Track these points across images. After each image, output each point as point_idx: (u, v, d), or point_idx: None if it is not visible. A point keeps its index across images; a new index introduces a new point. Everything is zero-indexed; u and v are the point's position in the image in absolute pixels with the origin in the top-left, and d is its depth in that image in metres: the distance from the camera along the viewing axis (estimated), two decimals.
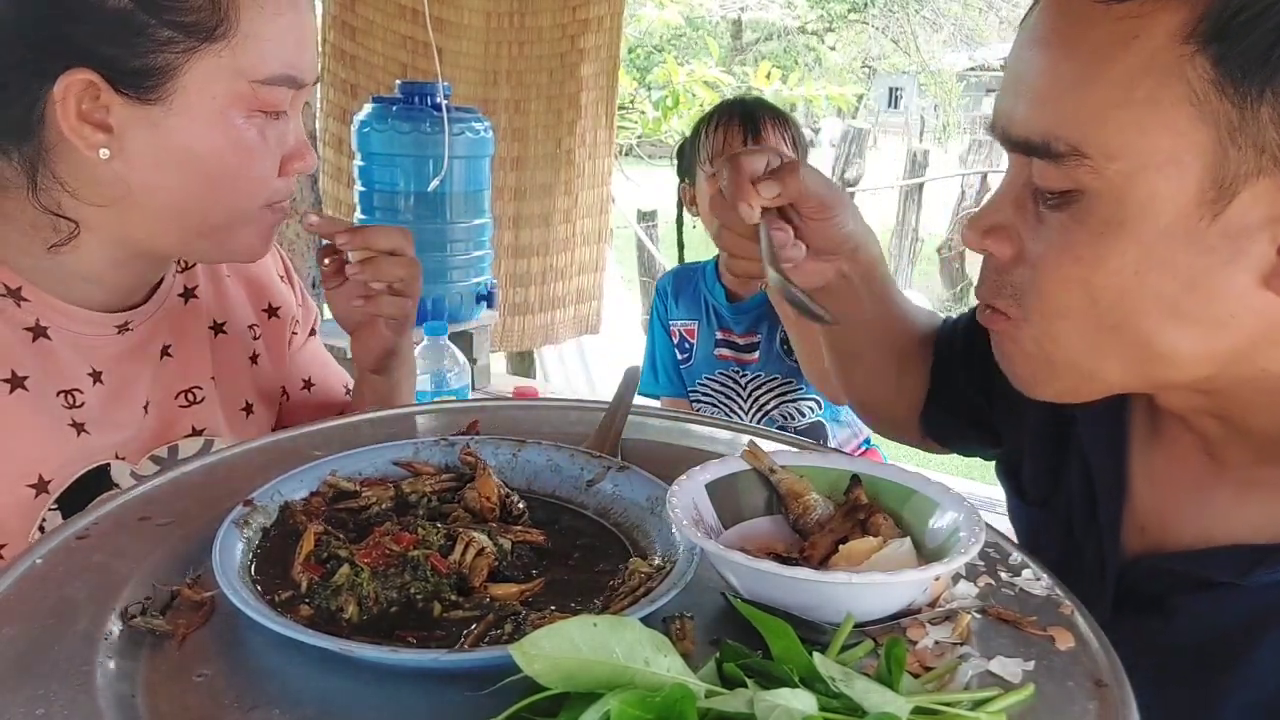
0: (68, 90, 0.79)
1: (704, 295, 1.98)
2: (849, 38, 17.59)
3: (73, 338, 0.89)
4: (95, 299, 0.91)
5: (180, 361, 0.98)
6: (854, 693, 0.50)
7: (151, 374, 0.95)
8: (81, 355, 0.89)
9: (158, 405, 0.95)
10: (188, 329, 1.00)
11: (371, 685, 0.57)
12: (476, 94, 3.43)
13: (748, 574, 0.63)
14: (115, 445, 0.91)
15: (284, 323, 1.13)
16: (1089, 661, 0.61)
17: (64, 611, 0.61)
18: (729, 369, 1.93)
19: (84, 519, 0.72)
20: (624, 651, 0.49)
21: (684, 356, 2.01)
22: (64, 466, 0.87)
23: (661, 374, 2.06)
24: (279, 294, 1.13)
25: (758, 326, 1.91)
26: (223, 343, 1.04)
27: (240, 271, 1.09)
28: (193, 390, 0.98)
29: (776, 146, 1.76)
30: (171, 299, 0.99)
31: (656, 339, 2.07)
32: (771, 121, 1.81)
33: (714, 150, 1.81)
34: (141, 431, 0.94)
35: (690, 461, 0.75)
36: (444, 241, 2.54)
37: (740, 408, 1.93)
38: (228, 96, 0.83)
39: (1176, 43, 0.59)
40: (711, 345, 1.95)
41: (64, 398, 0.87)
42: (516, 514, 0.76)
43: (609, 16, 3.56)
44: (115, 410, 0.92)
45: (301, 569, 0.65)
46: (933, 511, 0.70)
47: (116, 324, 0.92)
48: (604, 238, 3.90)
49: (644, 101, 6.97)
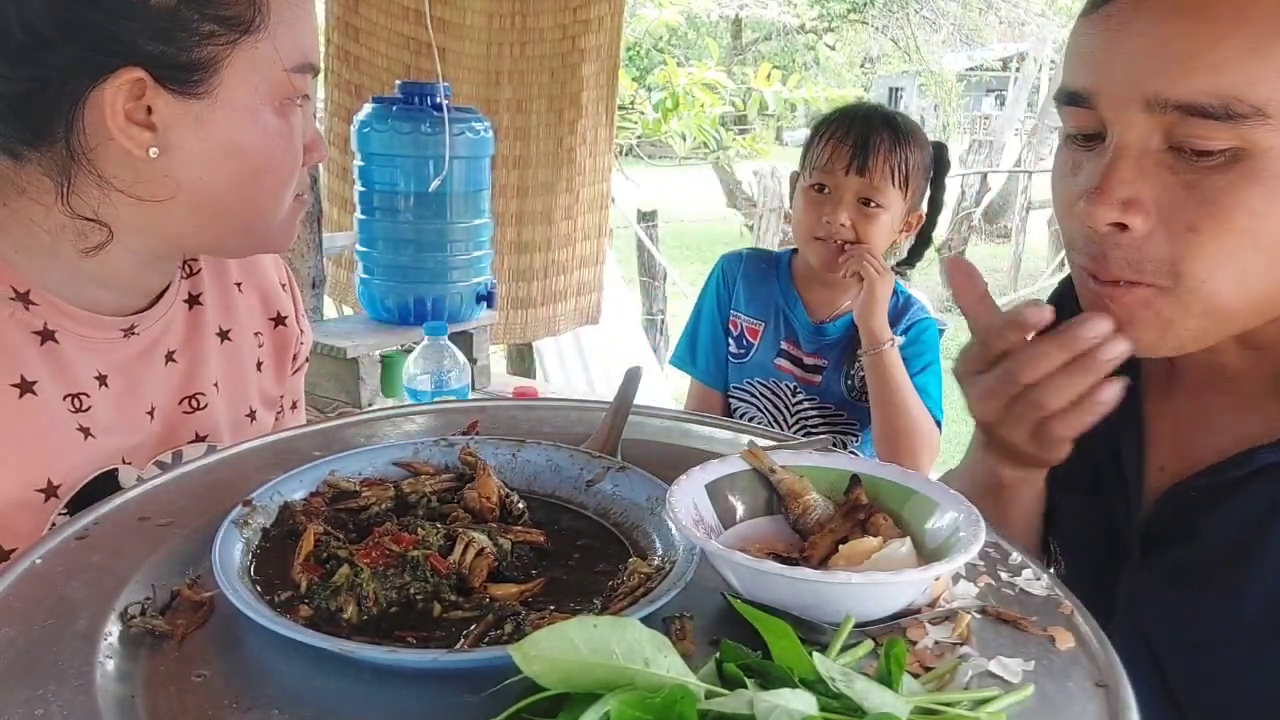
0: (117, 90, 0.79)
1: (777, 300, 1.85)
2: (849, 38, 17.58)
3: (80, 341, 0.88)
4: (103, 303, 0.91)
5: (185, 367, 0.98)
6: (854, 693, 0.50)
7: (157, 379, 0.95)
8: (88, 359, 0.89)
9: (163, 410, 0.95)
10: (193, 335, 1.00)
11: (371, 685, 0.57)
12: (479, 94, 3.44)
13: (748, 574, 0.63)
14: (123, 450, 0.91)
15: (290, 331, 1.13)
16: (1089, 661, 0.61)
17: (64, 611, 0.61)
18: (784, 381, 1.83)
19: (84, 519, 0.72)
20: (624, 652, 0.49)
21: (739, 352, 1.88)
22: (73, 471, 0.87)
23: (703, 358, 1.92)
24: (285, 303, 1.14)
25: (827, 353, 1.80)
26: (229, 350, 1.04)
27: (251, 279, 1.09)
28: (196, 396, 0.98)
29: (883, 182, 1.65)
30: (177, 305, 0.99)
31: (705, 319, 1.91)
32: (887, 153, 1.66)
33: (815, 163, 1.71)
34: (147, 436, 0.94)
35: (690, 461, 0.75)
36: (444, 241, 2.54)
37: (784, 421, 1.84)
38: (266, 87, 0.85)
39: None
40: (773, 353, 1.84)
41: (71, 401, 0.87)
42: (516, 514, 0.76)
43: (609, 16, 3.57)
44: (121, 414, 0.91)
45: (301, 569, 0.65)
46: (933, 511, 0.70)
47: (123, 328, 0.92)
48: (604, 232, 3.92)
49: (644, 102, 6.97)
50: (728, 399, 1.90)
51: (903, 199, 1.70)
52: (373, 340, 2.53)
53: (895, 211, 1.70)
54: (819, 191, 1.70)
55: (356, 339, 2.49)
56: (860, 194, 1.67)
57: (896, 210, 1.70)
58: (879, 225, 1.68)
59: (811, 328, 1.82)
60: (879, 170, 1.66)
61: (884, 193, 1.66)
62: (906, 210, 1.73)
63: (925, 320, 1.76)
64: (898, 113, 1.79)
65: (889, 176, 1.66)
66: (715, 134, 7.21)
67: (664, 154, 8.82)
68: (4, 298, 0.84)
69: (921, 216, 1.78)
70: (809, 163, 1.74)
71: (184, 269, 1.01)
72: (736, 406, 1.89)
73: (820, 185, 1.70)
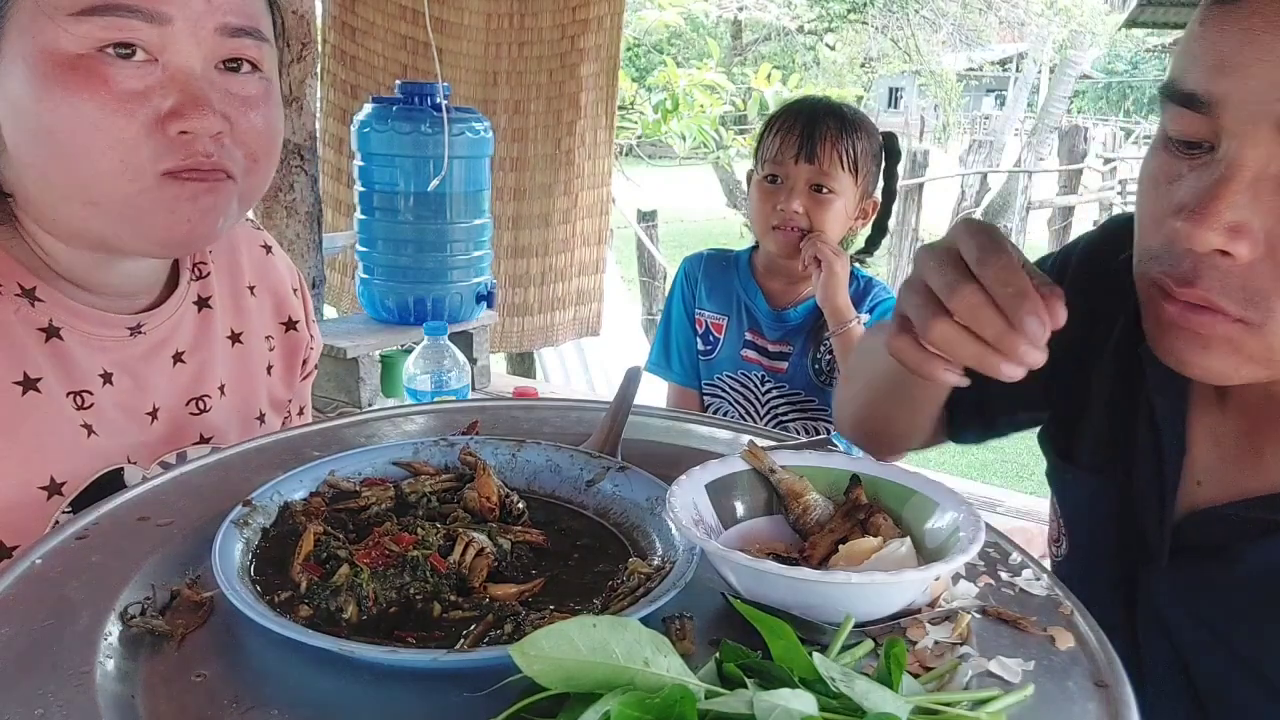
0: None
1: (738, 292, 1.91)
2: (849, 38, 17.59)
3: (84, 338, 0.88)
4: (108, 302, 0.91)
5: (193, 369, 0.98)
6: (853, 693, 0.50)
7: (164, 379, 0.95)
8: (93, 356, 0.89)
9: (169, 411, 0.95)
10: (202, 337, 1.00)
11: (370, 686, 0.57)
12: (476, 94, 3.44)
13: (748, 574, 0.63)
14: (127, 448, 0.91)
15: (300, 336, 1.13)
16: (1089, 661, 0.61)
17: (63, 611, 0.60)
18: (752, 372, 1.88)
19: (84, 519, 0.72)
20: (624, 652, 0.49)
21: (706, 349, 1.95)
22: (76, 468, 0.87)
23: (676, 360, 1.97)
24: (296, 308, 1.13)
25: (792, 338, 1.85)
26: (240, 353, 1.04)
27: (264, 282, 1.09)
28: (202, 399, 0.98)
29: (832, 168, 1.69)
30: (186, 306, 0.99)
31: (675, 322, 1.98)
32: (834, 139, 1.70)
33: (766, 155, 1.76)
34: (152, 436, 0.94)
35: (690, 461, 0.75)
36: (444, 241, 2.54)
37: (755, 412, 1.89)
38: (44, 37, 0.74)
39: None
40: (739, 345, 1.89)
41: (74, 399, 0.87)
42: (516, 514, 0.76)
43: (609, 17, 3.57)
44: (125, 413, 0.91)
45: (301, 569, 0.65)
46: (933, 511, 0.70)
47: (129, 326, 0.92)
48: (604, 239, 3.91)
49: (644, 103, 6.97)
50: (702, 397, 1.95)
51: (854, 183, 1.73)
52: (373, 340, 2.53)
53: (848, 197, 1.73)
54: (772, 182, 1.75)
55: (356, 339, 2.50)
56: (811, 180, 1.71)
57: (849, 195, 1.73)
58: (833, 211, 1.72)
59: (773, 314, 1.86)
60: (827, 156, 1.70)
61: (834, 178, 1.70)
62: (859, 196, 1.76)
63: (890, 299, 1.79)
64: (844, 103, 1.83)
65: (838, 161, 1.70)
66: (715, 134, 7.21)
67: (664, 154, 8.82)
68: (10, 294, 0.84)
69: (876, 204, 1.82)
70: (761, 156, 1.78)
71: (193, 271, 1.01)
72: (709, 403, 1.93)
73: (773, 176, 1.74)
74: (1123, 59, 26.87)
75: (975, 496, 3.87)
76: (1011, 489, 4.63)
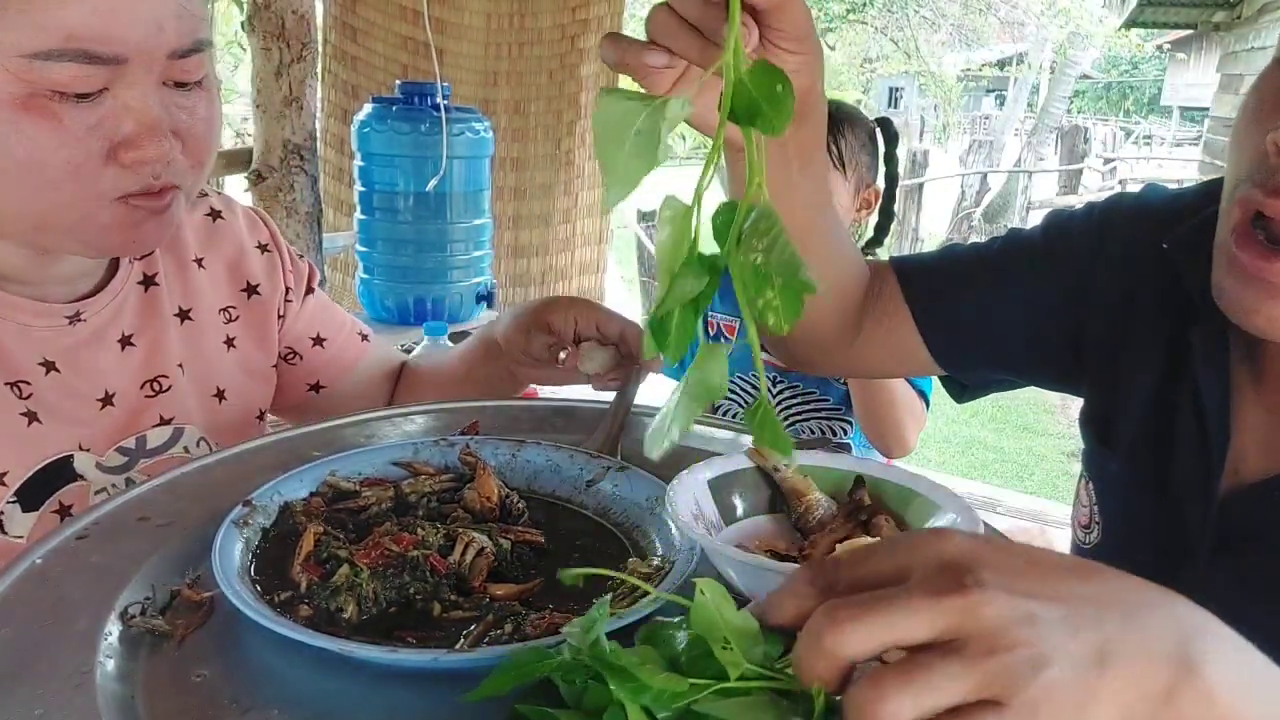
0: None
1: None
2: (848, 38, 17.60)
3: (19, 329, 0.88)
4: (44, 290, 0.90)
5: (144, 351, 0.96)
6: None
7: (113, 364, 0.94)
8: (30, 346, 0.88)
9: (123, 396, 0.94)
10: (150, 317, 0.98)
11: (370, 686, 0.57)
12: (477, 95, 3.44)
13: (747, 571, 0.62)
14: (77, 437, 0.90)
15: (268, 299, 1.10)
16: None
17: (63, 612, 0.60)
18: (767, 373, 1.85)
19: (84, 519, 0.72)
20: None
21: None
22: (20, 458, 0.86)
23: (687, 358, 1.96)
24: (257, 270, 1.09)
25: None
26: (189, 330, 1.02)
27: (214, 252, 1.06)
28: (159, 379, 0.97)
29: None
30: (129, 287, 0.97)
31: None
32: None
33: None
34: (106, 421, 0.93)
35: (690, 461, 0.75)
36: (444, 241, 2.54)
37: None
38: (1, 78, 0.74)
39: None
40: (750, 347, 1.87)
41: (13, 389, 0.87)
42: (516, 514, 0.76)
43: (609, 17, 3.57)
44: (72, 400, 0.90)
45: (301, 569, 0.65)
46: (934, 514, 0.70)
47: (67, 315, 0.91)
48: (604, 239, 3.91)
49: None
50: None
51: (844, 179, 1.71)
52: None
53: (841, 193, 1.70)
54: None
55: None
56: None
57: (843, 192, 1.70)
58: None
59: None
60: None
61: None
62: (855, 189, 1.74)
63: None
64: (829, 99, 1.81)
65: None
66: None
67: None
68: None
69: (879, 193, 1.79)
70: None
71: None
72: (720, 404, 1.90)
73: None
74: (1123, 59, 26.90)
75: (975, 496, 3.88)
76: (1011, 489, 4.63)
